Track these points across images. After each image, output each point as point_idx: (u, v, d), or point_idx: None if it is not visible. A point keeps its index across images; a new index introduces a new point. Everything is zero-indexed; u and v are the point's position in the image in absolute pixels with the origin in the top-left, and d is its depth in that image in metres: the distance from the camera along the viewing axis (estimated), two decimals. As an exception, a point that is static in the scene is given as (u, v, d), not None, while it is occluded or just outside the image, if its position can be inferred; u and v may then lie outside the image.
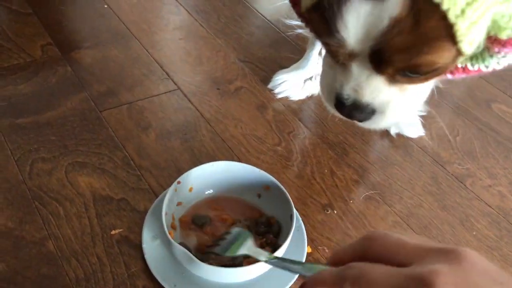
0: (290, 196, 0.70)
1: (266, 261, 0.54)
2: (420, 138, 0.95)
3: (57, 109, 0.90)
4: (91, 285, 0.65)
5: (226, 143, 0.88)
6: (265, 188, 0.74)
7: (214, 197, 0.74)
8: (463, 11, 0.42)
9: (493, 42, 0.51)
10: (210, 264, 0.62)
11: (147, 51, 1.07)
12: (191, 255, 0.60)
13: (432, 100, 1.02)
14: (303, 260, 0.69)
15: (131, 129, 0.88)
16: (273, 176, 0.73)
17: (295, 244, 0.69)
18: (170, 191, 0.69)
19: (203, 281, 0.64)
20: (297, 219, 0.73)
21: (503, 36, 0.49)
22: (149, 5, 1.24)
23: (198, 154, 0.85)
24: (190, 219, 0.71)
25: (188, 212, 0.72)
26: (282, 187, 0.71)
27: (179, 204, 0.72)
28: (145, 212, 0.73)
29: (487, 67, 0.55)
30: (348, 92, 0.50)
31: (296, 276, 0.66)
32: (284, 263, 0.53)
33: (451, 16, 0.42)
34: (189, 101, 0.96)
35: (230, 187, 0.75)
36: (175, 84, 1.00)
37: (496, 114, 1.03)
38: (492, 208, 0.83)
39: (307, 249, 0.71)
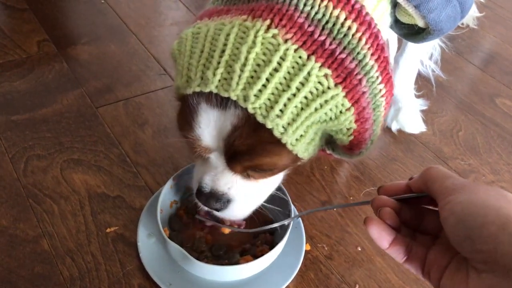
0: (289, 193, 0.68)
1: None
2: (422, 133, 0.93)
3: (52, 106, 0.89)
4: (86, 284, 0.64)
5: (224, 139, 0.86)
6: (263, 185, 0.72)
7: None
8: (285, 129, 0.48)
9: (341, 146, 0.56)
10: (206, 262, 0.61)
11: (144, 46, 1.06)
12: (186, 253, 0.59)
13: (435, 95, 1.00)
14: (301, 258, 0.67)
15: (127, 125, 0.87)
16: (271, 172, 0.72)
17: (294, 241, 0.68)
18: (165, 188, 0.67)
19: (199, 280, 0.63)
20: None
21: (338, 142, 0.54)
22: (147, 0, 1.22)
23: (195, 151, 0.84)
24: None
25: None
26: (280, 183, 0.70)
27: (175, 202, 0.70)
28: (141, 209, 0.72)
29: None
30: (206, 181, 0.55)
31: (293, 275, 0.65)
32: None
33: (276, 133, 0.48)
34: (187, 97, 0.94)
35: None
36: (173, 80, 0.98)
37: (500, 109, 1.01)
38: (496, 205, 0.81)
39: (306, 246, 0.69)
